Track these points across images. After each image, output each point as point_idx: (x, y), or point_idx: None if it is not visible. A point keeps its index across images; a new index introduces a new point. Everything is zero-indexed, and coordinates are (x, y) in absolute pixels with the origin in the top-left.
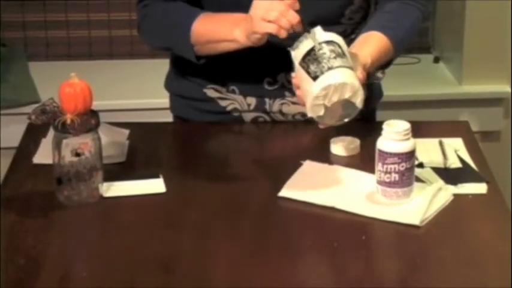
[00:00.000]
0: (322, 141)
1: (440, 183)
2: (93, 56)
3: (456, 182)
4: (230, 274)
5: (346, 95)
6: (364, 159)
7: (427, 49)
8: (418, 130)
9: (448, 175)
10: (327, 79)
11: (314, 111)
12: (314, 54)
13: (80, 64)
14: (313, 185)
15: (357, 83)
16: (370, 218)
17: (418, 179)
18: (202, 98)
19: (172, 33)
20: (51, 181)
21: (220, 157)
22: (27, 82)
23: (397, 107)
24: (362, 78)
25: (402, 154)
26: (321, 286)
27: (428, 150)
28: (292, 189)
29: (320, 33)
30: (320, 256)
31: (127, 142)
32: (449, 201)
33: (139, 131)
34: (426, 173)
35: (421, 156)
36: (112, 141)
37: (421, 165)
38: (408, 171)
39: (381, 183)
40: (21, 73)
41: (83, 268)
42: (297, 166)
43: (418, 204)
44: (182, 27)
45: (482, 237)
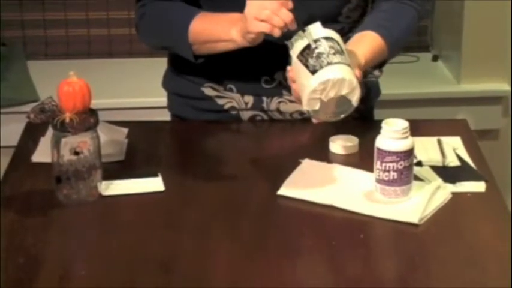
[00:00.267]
0: (321, 140)
1: (439, 181)
2: (92, 54)
3: (455, 180)
4: (229, 272)
5: (343, 91)
6: (362, 158)
7: (425, 48)
8: (417, 129)
9: (447, 173)
10: (326, 74)
11: (310, 104)
12: (313, 48)
13: (78, 63)
14: (311, 183)
15: (354, 81)
16: (369, 216)
17: (417, 178)
18: (200, 96)
19: (170, 32)
20: (50, 180)
21: (218, 156)
22: (26, 81)
23: (396, 105)
24: (359, 77)
25: (401, 152)
26: (319, 285)
27: (427, 148)
28: (291, 188)
29: (319, 29)
30: (319, 254)
31: (126, 141)
32: (448, 199)
33: (138, 130)
34: (425, 171)
35: (420, 154)
36: (111, 140)
37: (419, 164)
38: (407, 170)
39: (380, 181)
40: (20, 72)
41: (82, 267)
42: (295, 164)
43: (417, 203)
44: (180, 26)
45: (481, 235)
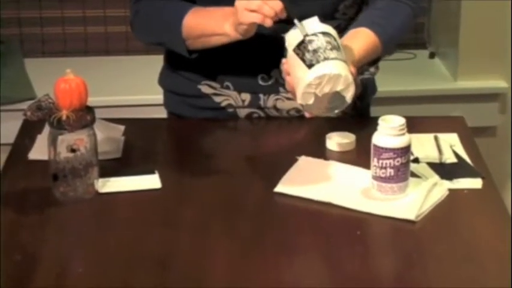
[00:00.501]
0: (318, 137)
1: (436, 178)
2: (89, 52)
3: (451, 177)
4: (226, 270)
5: (339, 87)
6: (359, 155)
7: (422, 45)
8: (414, 125)
9: (444, 170)
10: (322, 68)
11: (304, 98)
12: (310, 42)
13: (75, 60)
14: (308, 180)
15: (350, 77)
16: (366, 213)
17: (414, 174)
18: (197, 94)
19: (164, 28)
20: (46, 177)
21: (215, 153)
22: (23, 78)
23: (393, 102)
24: (354, 74)
25: (398, 149)
26: (316, 281)
27: (423, 145)
28: (288, 185)
29: (317, 24)
30: (316, 251)
31: (122, 138)
32: (445, 196)
33: (134, 127)
34: (421, 168)
35: (417, 151)
36: (107, 137)
37: (416, 161)
38: (403, 167)
39: (377, 178)
40: (17, 69)
41: (79, 264)
42: (292, 162)
43: (414, 200)
44: (173, 22)
45: (478, 232)
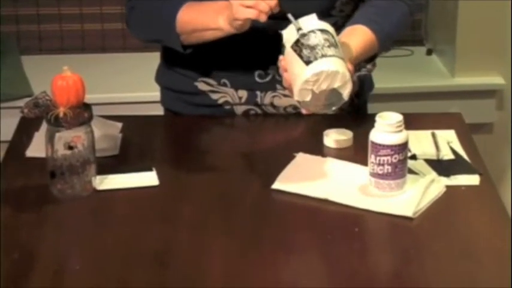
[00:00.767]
0: (315, 134)
1: (433, 175)
2: (86, 49)
3: (449, 173)
4: (224, 266)
5: (336, 84)
6: (357, 152)
7: (420, 41)
8: (411, 122)
9: (441, 167)
10: (320, 65)
11: (301, 95)
12: (308, 39)
13: (72, 57)
14: (306, 177)
15: (347, 75)
16: (363, 210)
17: (411, 171)
18: (194, 91)
19: (158, 24)
20: (44, 174)
21: (213, 150)
22: (20, 76)
23: (390, 99)
24: (351, 71)
25: (395, 146)
26: (314, 278)
27: (421, 142)
28: (285, 182)
29: (315, 21)
30: (313, 248)
31: (120, 135)
32: (442, 193)
33: (132, 124)
34: (419, 164)
35: (414, 148)
36: (105, 135)
37: (413, 157)
38: (401, 163)
39: (374, 175)
40: (14, 67)
41: (77, 261)
42: (290, 158)
43: (411, 196)
44: (167, 17)
45: (475, 228)
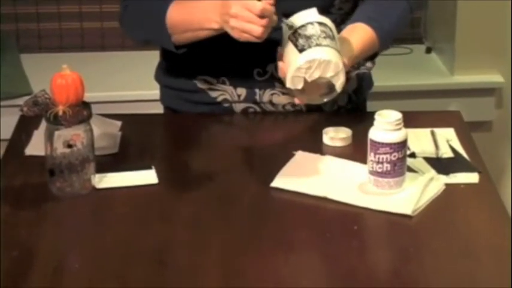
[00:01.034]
0: (315, 132)
1: (432, 173)
2: (85, 47)
3: (448, 171)
4: (223, 265)
5: (328, 74)
6: (356, 150)
7: (419, 39)
8: (410, 120)
9: (440, 165)
10: (313, 53)
11: (293, 82)
12: (305, 30)
13: (72, 56)
14: (305, 175)
15: (341, 65)
16: (363, 208)
17: (410, 169)
18: (193, 89)
19: (148, 24)
20: (43, 173)
21: (212, 148)
22: (20, 74)
23: (390, 97)
24: (346, 65)
25: (394, 144)
26: (313, 276)
27: (420, 140)
28: (284, 180)
29: (315, 14)
30: (312, 246)
31: (119, 133)
32: (441, 191)
33: (131, 123)
34: (418, 163)
35: (413, 146)
36: (104, 133)
37: (413, 155)
38: (400, 161)
39: (373, 173)
40: (13, 65)
41: (76, 259)
42: (289, 156)
43: (410, 194)
44: (157, 17)
45: (475, 226)
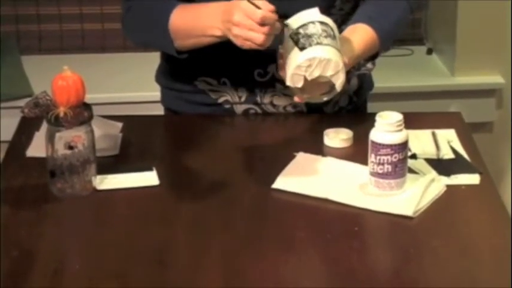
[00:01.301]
0: (315, 133)
1: (433, 174)
2: (86, 49)
3: (449, 173)
4: (224, 266)
5: (328, 72)
6: (357, 151)
7: (420, 41)
8: (411, 121)
9: (441, 166)
10: (313, 52)
11: (293, 80)
12: (306, 29)
13: (72, 57)
14: (306, 176)
15: (341, 64)
16: (363, 209)
17: (411, 170)
18: (193, 90)
19: (151, 29)
20: (44, 174)
21: (213, 149)
22: (20, 76)
23: (390, 98)
24: (347, 64)
25: (395, 145)
26: (314, 277)
27: (421, 141)
28: (285, 181)
29: (316, 13)
30: (313, 247)
31: (120, 135)
32: (442, 192)
33: (132, 124)
34: (419, 164)
35: (414, 147)
36: (105, 134)
37: (414, 157)
38: (401, 163)
39: (374, 174)
40: (14, 67)
41: (76, 261)
42: (290, 158)
43: (411, 196)
44: (160, 22)
45: (476, 227)
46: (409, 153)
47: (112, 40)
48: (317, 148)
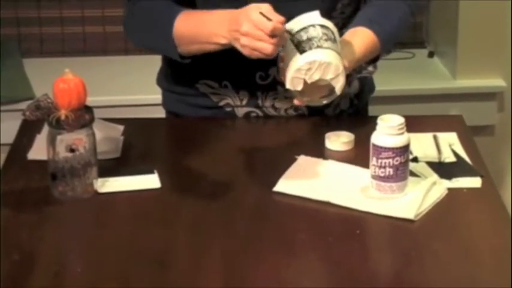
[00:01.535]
0: (317, 136)
1: (435, 177)
2: (88, 52)
3: (450, 176)
4: (224, 268)
5: (328, 76)
6: (358, 154)
7: (421, 44)
8: (413, 124)
9: (443, 169)
10: (313, 55)
11: (293, 83)
12: (307, 32)
13: (74, 60)
14: (307, 179)
15: (341, 67)
16: (365, 212)
17: (413, 174)
18: (195, 93)
19: (155, 33)
20: (45, 177)
21: (214, 152)
22: (22, 78)
23: (392, 101)
24: (347, 68)
25: (396, 148)
26: (315, 280)
27: (422, 144)
28: (287, 184)
29: (317, 16)
30: (315, 250)
31: (121, 138)
32: (444, 195)
33: (134, 127)
34: (421, 167)
35: (416, 150)
36: (106, 137)
37: (415, 160)
38: (402, 166)
39: (376, 177)
40: (15, 69)
41: (78, 264)
42: (291, 161)
43: (413, 199)
44: (164, 27)
45: (477, 231)
46: (411, 157)
47: (113, 43)
48: (318, 151)
